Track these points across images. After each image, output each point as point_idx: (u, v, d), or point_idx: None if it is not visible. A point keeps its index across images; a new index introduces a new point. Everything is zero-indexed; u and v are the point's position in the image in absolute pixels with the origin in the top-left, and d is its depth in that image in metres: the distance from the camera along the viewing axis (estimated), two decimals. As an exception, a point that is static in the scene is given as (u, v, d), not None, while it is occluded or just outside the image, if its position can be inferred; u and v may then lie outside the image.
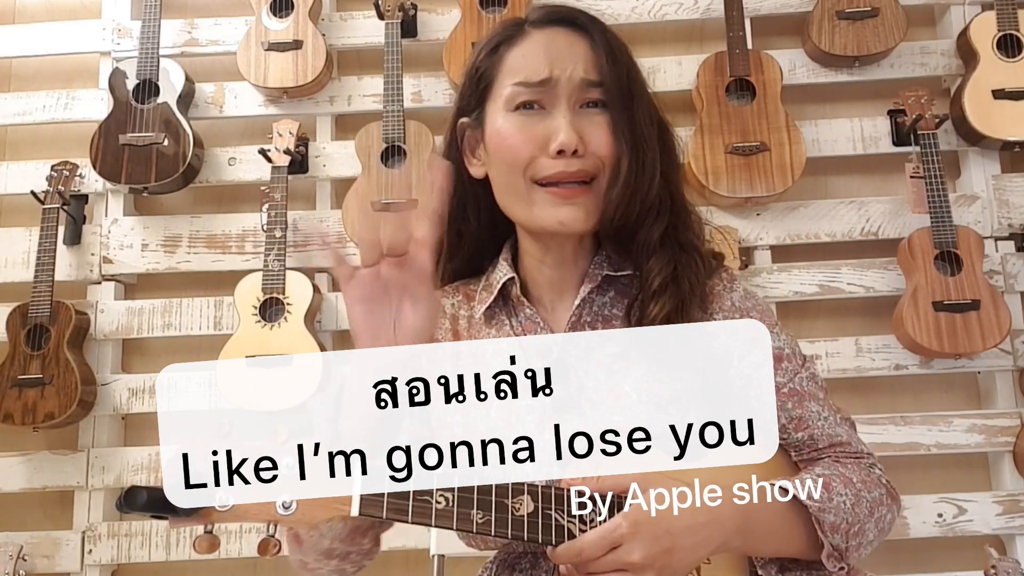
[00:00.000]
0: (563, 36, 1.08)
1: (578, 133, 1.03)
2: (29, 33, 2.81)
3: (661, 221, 1.07)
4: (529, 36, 1.09)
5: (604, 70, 1.05)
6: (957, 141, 2.55)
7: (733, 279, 1.13)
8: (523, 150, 1.04)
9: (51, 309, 2.44)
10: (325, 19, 2.73)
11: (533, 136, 1.04)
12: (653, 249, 1.07)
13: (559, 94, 1.04)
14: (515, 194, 1.07)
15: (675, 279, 1.05)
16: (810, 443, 1.06)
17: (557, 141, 1.02)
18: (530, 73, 1.05)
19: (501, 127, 1.07)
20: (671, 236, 1.08)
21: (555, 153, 1.03)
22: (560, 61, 1.05)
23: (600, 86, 1.05)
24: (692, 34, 2.77)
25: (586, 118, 1.05)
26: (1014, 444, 2.37)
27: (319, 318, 2.52)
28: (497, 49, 1.10)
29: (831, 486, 0.99)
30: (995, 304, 2.31)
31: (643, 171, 1.05)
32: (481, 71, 1.10)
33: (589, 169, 1.04)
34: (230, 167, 2.67)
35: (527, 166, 1.04)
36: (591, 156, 1.04)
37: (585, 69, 1.05)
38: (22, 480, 2.51)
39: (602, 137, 1.04)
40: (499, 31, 1.12)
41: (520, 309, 1.11)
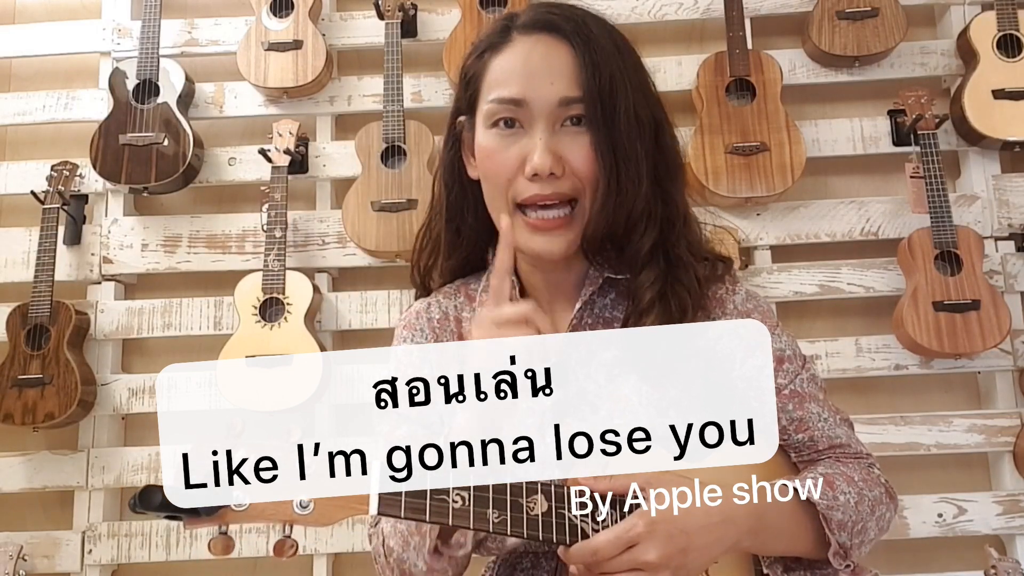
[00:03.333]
0: (543, 47, 1.04)
1: (556, 154, 1.01)
2: (29, 33, 2.80)
3: (651, 232, 1.05)
4: (512, 45, 1.06)
5: (585, 84, 1.01)
6: (957, 141, 2.55)
7: (735, 281, 1.12)
8: (501, 171, 1.04)
9: (51, 309, 2.44)
10: (325, 19, 2.73)
11: (510, 157, 1.03)
12: (643, 261, 1.05)
13: (535, 114, 1.02)
14: (499, 211, 1.06)
15: (663, 296, 1.03)
16: (810, 444, 1.07)
17: (531, 164, 1.01)
18: (505, 92, 1.03)
19: (482, 143, 1.06)
20: (662, 248, 1.06)
21: (530, 176, 1.01)
22: (536, 80, 1.02)
23: (580, 101, 1.02)
24: (692, 34, 2.77)
25: (566, 137, 1.02)
26: (1014, 444, 2.37)
27: (319, 318, 2.52)
28: (483, 55, 1.08)
29: (835, 484, 1.00)
30: (995, 304, 2.31)
31: (627, 187, 1.02)
32: (469, 76, 1.10)
33: (566, 192, 1.02)
34: (230, 167, 2.67)
35: (507, 187, 1.04)
36: (570, 177, 1.02)
37: (565, 85, 1.02)
38: (22, 480, 2.51)
39: (581, 157, 1.02)
40: (488, 34, 1.10)
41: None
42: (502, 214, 1.04)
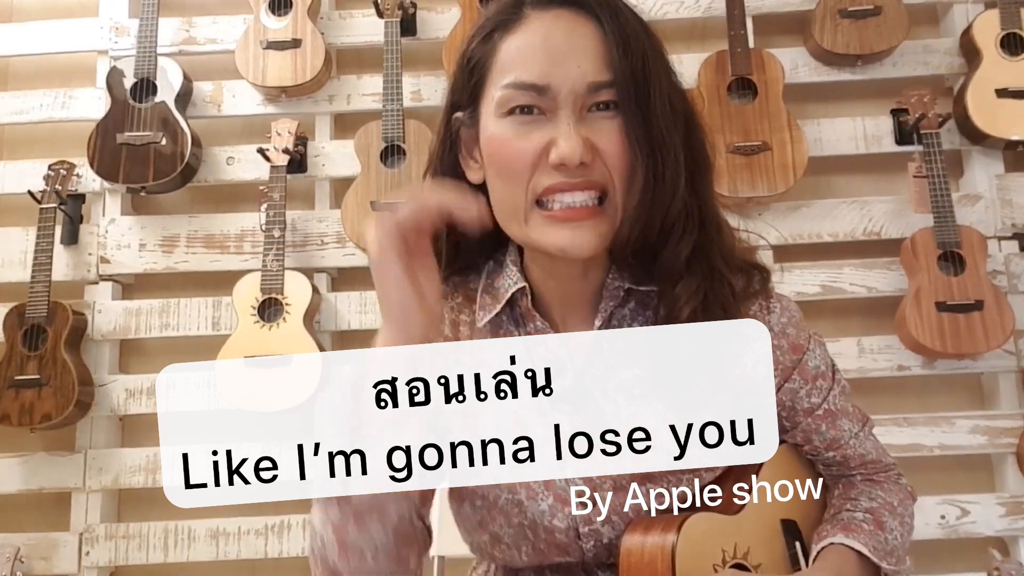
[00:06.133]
0: (565, 23, 0.90)
1: (585, 141, 0.87)
2: (26, 31, 2.79)
3: (688, 238, 0.92)
4: (527, 22, 0.92)
5: (615, 64, 0.88)
6: (960, 140, 2.54)
7: (770, 296, 1.03)
8: (519, 161, 0.89)
9: (48, 309, 2.43)
10: (324, 17, 2.72)
11: (531, 146, 0.89)
12: (680, 273, 0.93)
13: (560, 102, 0.88)
14: (512, 212, 0.92)
15: (705, 309, 0.91)
16: (842, 462, 1.08)
17: (557, 152, 0.87)
18: (525, 75, 0.89)
19: (494, 133, 0.91)
20: (701, 256, 0.93)
21: (556, 165, 0.88)
22: (561, 61, 0.88)
23: (611, 86, 0.88)
24: (693, 33, 2.76)
25: (595, 124, 0.89)
26: (1017, 445, 2.36)
27: (318, 318, 2.51)
28: (491, 36, 0.93)
29: (883, 523, 1.02)
30: (998, 304, 2.30)
31: (664, 181, 0.89)
32: (473, 62, 0.94)
33: (598, 180, 0.89)
34: (228, 166, 2.66)
35: (528, 179, 0.89)
36: (600, 167, 0.89)
37: (592, 68, 0.88)
38: (19, 481, 2.50)
39: (614, 145, 0.88)
40: (494, 14, 0.95)
41: (530, 320, 0.99)
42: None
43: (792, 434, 1.05)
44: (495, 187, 0.93)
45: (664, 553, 0.90)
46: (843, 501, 1.07)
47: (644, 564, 0.90)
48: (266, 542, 2.41)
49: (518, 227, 0.92)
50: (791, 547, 1.02)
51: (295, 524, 2.42)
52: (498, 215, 0.94)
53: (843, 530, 1.00)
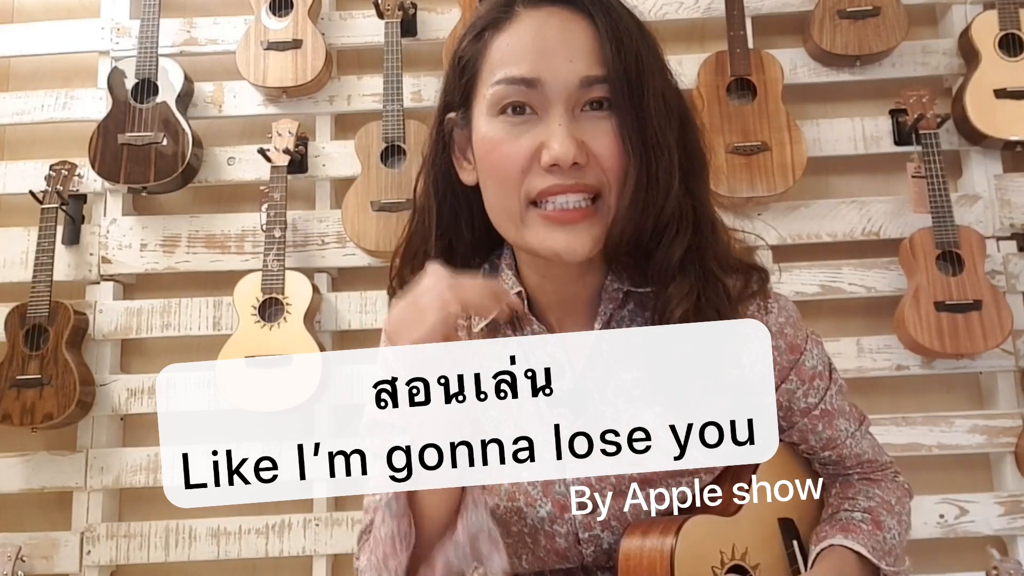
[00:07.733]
0: (557, 20, 0.89)
1: (578, 141, 0.87)
2: (27, 32, 2.79)
3: (682, 239, 0.92)
4: (518, 20, 0.91)
5: (609, 61, 0.87)
6: (959, 141, 2.54)
7: (768, 296, 1.02)
8: (511, 164, 0.88)
9: (50, 309, 2.44)
10: (324, 18, 2.72)
11: (522, 147, 0.88)
12: (672, 274, 0.92)
13: (552, 98, 0.87)
14: (506, 214, 0.92)
15: (697, 311, 0.91)
16: (838, 462, 1.09)
17: (550, 153, 0.86)
18: (515, 70, 0.88)
19: (485, 134, 0.90)
20: (695, 257, 0.93)
21: (548, 167, 0.87)
22: (552, 56, 0.88)
23: (604, 81, 0.88)
24: (693, 33, 2.76)
25: (587, 123, 0.88)
26: (1016, 445, 2.36)
27: (318, 318, 2.52)
28: (482, 35, 0.93)
29: (881, 522, 1.03)
30: (997, 304, 2.30)
31: (657, 181, 0.89)
32: (464, 61, 0.94)
33: (591, 183, 0.88)
34: (229, 167, 2.66)
35: (520, 182, 0.89)
36: (593, 169, 0.88)
37: (585, 63, 0.87)
38: (20, 480, 2.51)
39: (607, 145, 0.88)
40: (485, 12, 0.94)
41: (527, 324, 0.99)
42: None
43: (789, 434, 1.05)
44: (489, 189, 0.93)
45: (663, 557, 0.90)
46: (841, 501, 1.07)
47: (643, 568, 0.91)
48: (266, 542, 2.42)
49: (514, 229, 0.92)
50: (788, 546, 1.02)
51: (295, 524, 2.43)
52: (493, 217, 0.94)
53: (842, 531, 1.01)
